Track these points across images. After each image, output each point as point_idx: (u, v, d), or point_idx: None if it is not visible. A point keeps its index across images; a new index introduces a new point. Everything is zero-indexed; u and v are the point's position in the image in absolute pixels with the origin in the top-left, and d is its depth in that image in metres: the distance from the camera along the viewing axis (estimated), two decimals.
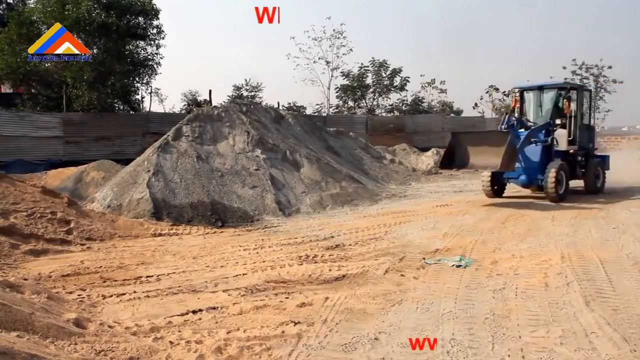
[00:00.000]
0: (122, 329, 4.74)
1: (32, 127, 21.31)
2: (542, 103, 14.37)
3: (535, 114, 14.34)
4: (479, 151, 12.34)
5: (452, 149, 12.87)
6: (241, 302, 5.58)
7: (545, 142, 13.19)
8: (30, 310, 4.29)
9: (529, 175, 13.18)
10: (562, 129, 13.70)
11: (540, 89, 14.41)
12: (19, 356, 3.23)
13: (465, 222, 10.15)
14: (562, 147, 13.62)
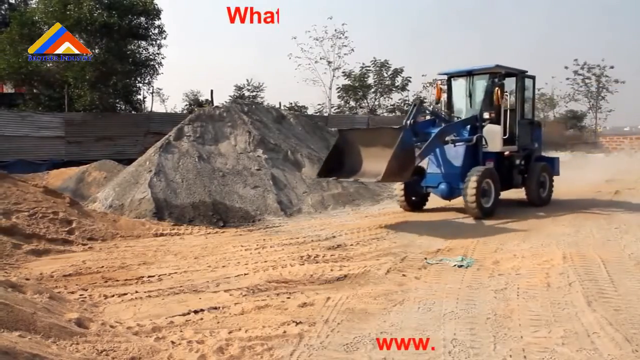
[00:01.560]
0: (124, 328, 4.74)
1: (34, 127, 21.34)
2: (473, 93, 11.95)
3: (465, 107, 12.00)
4: (372, 154, 9.66)
5: (339, 151, 10.28)
6: (243, 302, 5.58)
7: (469, 142, 10.91)
8: (32, 310, 4.29)
9: (449, 184, 10.86)
10: (494, 125, 11.32)
11: (469, 75, 11.88)
12: (21, 356, 3.23)
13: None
14: (493, 147, 11.30)
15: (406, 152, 9.32)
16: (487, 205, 10.52)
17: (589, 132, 41.92)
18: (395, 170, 8.97)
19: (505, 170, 11.62)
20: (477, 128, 11.17)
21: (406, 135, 9.43)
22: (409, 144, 9.56)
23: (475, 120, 11.21)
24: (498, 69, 11.44)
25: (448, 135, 10.67)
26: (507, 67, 11.59)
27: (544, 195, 12.36)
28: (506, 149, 11.52)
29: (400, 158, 9.06)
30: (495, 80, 11.33)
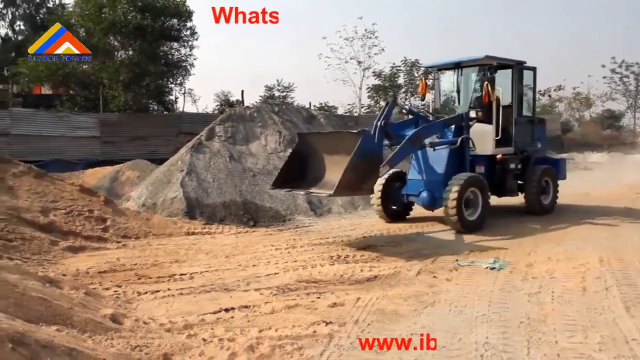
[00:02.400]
0: (157, 325, 4.82)
1: (70, 127, 21.89)
2: (461, 88, 10.80)
3: (454, 104, 10.97)
4: (335, 161, 8.40)
5: (301, 158, 9.05)
6: (273, 301, 5.61)
7: (452, 144, 9.62)
8: (69, 305, 4.39)
9: (431, 193, 9.51)
10: (484, 125, 10.10)
11: (457, 68, 10.70)
12: (59, 349, 3.31)
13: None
14: (483, 150, 10.11)
15: (367, 161, 8.04)
16: (471, 217, 9.23)
17: (628, 132, 40.82)
18: (353, 182, 7.85)
19: (498, 175, 10.36)
20: (463, 128, 9.82)
21: (366, 141, 8.12)
22: (371, 150, 8.24)
23: (460, 119, 9.87)
24: (488, 60, 10.12)
25: (425, 138, 9.32)
26: (499, 57, 10.23)
27: (547, 203, 11.05)
28: (498, 152, 10.26)
29: (359, 168, 7.84)
30: (485, 73, 10.05)
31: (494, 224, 9.84)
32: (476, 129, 10.01)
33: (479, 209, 9.35)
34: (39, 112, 23.25)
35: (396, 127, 9.65)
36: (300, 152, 9.09)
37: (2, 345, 3.03)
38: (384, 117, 8.98)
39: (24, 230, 7.87)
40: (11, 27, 37.99)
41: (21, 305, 3.93)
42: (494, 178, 10.25)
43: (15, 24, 37.93)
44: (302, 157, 9.00)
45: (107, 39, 24.68)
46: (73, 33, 24.21)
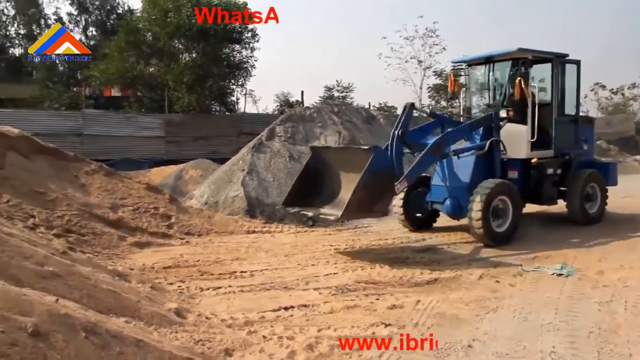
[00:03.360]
0: (218, 320, 4.92)
1: (137, 128, 22.80)
2: (494, 85, 9.77)
3: (486, 103, 9.91)
4: (350, 178, 7.78)
5: (314, 173, 8.45)
6: (332, 301, 5.61)
7: (480, 150, 8.66)
8: (137, 298, 4.56)
9: (456, 200, 8.71)
10: (517, 125, 9.12)
11: (489, 62, 9.72)
12: (127, 340, 3.43)
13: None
14: (516, 153, 9.15)
15: (379, 179, 7.43)
16: (500, 228, 8.30)
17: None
18: (364, 203, 7.29)
19: (534, 181, 9.26)
20: (492, 130, 8.91)
21: (378, 158, 7.50)
22: (383, 168, 7.60)
23: (489, 120, 8.94)
24: (521, 53, 9.13)
25: (448, 146, 8.45)
26: (534, 50, 9.22)
27: (593, 212, 9.82)
28: (534, 155, 9.20)
29: (371, 187, 7.28)
30: (519, 68, 9.07)
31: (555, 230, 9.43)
32: (508, 130, 9.07)
33: (508, 219, 8.38)
34: (108, 113, 24.37)
35: (416, 134, 8.77)
36: (313, 168, 8.48)
37: (76, 333, 3.18)
38: (402, 125, 8.22)
39: (95, 226, 8.26)
40: (84, 32, 40.09)
41: (93, 296, 4.11)
42: (528, 184, 9.23)
43: (88, 29, 39.99)
44: (316, 173, 8.43)
45: (172, 42, 25.53)
46: (140, 37, 25.30)
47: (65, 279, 4.06)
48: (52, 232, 7.48)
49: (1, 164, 8.39)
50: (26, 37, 40.32)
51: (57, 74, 36.28)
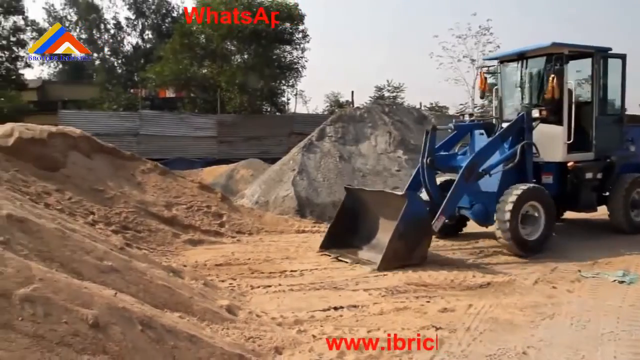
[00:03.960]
0: (269, 319, 4.97)
1: (191, 128, 23.38)
2: (527, 84, 8.96)
3: (519, 101, 9.12)
4: (387, 224, 7.49)
5: (351, 214, 8.14)
6: (382, 302, 5.57)
7: (510, 161, 8.08)
8: (190, 295, 4.66)
9: (484, 206, 8.17)
10: (552, 126, 8.42)
11: (522, 59, 9.02)
12: (181, 335, 3.52)
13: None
14: (551, 156, 8.45)
15: (416, 227, 7.11)
16: (531, 237, 7.69)
17: None
18: (401, 252, 7.00)
19: (571, 186, 8.51)
20: (524, 132, 8.26)
21: (413, 204, 7.14)
22: (420, 214, 7.23)
23: (520, 121, 8.27)
24: (556, 48, 8.37)
25: (480, 166, 7.89)
26: (571, 44, 8.49)
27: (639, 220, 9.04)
28: (571, 158, 8.45)
29: (407, 236, 7.02)
30: (552, 64, 8.35)
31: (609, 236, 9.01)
32: (542, 131, 8.40)
33: (540, 227, 7.76)
34: (163, 113, 25.09)
35: (443, 159, 8.43)
36: (349, 208, 8.20)
37: (133, 326, 3.28)
38: (428, 152, 7.93)
39: (150, 223, 8.51)
40: (141, 36, 41.43)
41: (149, 291, 4.24)
42: (565, 189, 8.51)
43: (145, 33, 41.30)
44: (353, 213, 8.13)
45: (225, 44, 26.03)
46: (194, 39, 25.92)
47: (123, 274, 4.20)
48: (110, 228, 7.76)
49: (64, 162, 8.77)
50: (87, 42, 42.05)
51: (116, 76, 37.65)
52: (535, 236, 7.75)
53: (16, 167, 7.93)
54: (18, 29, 31.48)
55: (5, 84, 29.04)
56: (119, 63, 40.98)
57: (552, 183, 8.48)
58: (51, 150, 8.73)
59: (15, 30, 31.16)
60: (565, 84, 8.30)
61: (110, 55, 41.34)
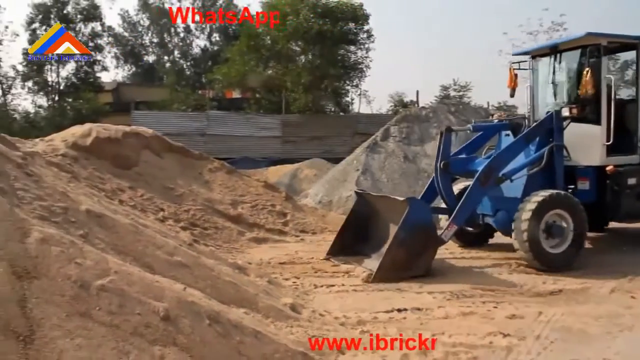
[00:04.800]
0: (332, 318, 4.98)
1: (256, 128, 23.82)
2: (559, 79, 8.12)
3: (552, 99, 8.28)
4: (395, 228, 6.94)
5: (361, 218, 7.67)
6: (446, 306, 5.46)
7: (536, 164, 7.30)
8: (255, 292, 4.75)
9: (508, 214, 7.30)
10: (588, 125, 7.55)
11: (555, 53, 8.07)
12: (246, 330, 3.59)
13: None
14: (588, 159, 7.57)
15: (418, 235, 6.56)
16: (556, 250, 6.91)
17: None
18: (401, 262, 6.44)
19: (612, 193, 7.52)
20: (553, 132, 7.44)
21: (416, 210, 6.59)
22: (423, 221, 6.68)
23: (548, 121, 7.48)
24: (592, 38, 7.47)
25: (500, 170, 7.19)
26: (609, 34, 7.56)
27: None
28: (610, 162, 7.48)
29: (408, 244, 6.48)
30: (586, 57, 7.48)
31: None
32: (576, 131, 7.55)
33: (568, 239, 6.95)
34: (230, 114, 25.71)
35: (464, 161, 7.85)
36: (360, 214, 7.72)
37: (201, 320, 3.38)
38: (442, 156, 7.42)
39: (217, 220, 8.75)
40: (209, 39, 42.67)
41: (215, 287, 4.35)
42: (604, 197, 7.56)
43: (212, 36, 42.51)
44: (363, 217, 7.66)
45: (290, 45, 26.34)
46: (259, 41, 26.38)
47: (192, 269, 4.33)
48: (179, 224, 8.05)
49: (137, 161, 9.17)
50: (158, 45, 43.75)
51: (185, 78, 38.95)
52: (562, 249, 6.94)
53: (94, 165, 8.36)
54: (96, 35, 33.23)
55: (83, 86, 30.70)
56: (188, 65, 42.39)
57: (589, 190, 7.58)
58: (125, 149, 9.14)
59: (93, 35, 32.89)
60: (604, 79, 7.46)
61: (180, 58, 42.88)
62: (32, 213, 3.60)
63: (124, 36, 42.51)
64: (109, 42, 35.60)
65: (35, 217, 3.55)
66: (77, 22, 31.37)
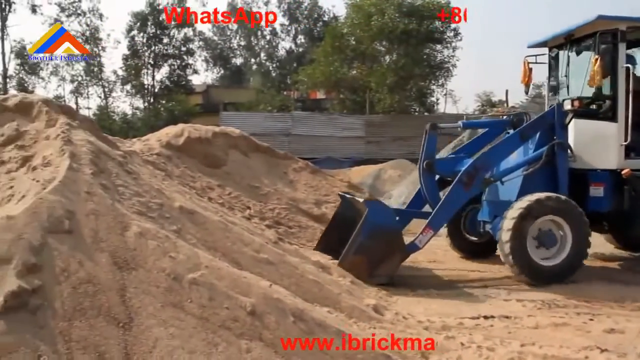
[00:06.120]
0: (415, 322, 4.89)
1: (339, 128, 23.98)
2: (574, 71, 7.16)
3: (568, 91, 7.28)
4: None
5: (343, 222, 7.09)
6: (537, 315, 5.19)
7: (533, 164, 6.54)
8: (338, 291, 4.76)
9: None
10: (602, 123, 6.69)
11: (570, 41, 7.15)
12: (330, 329, 3.60)
13: None
14: (602, 162, 6.69)
15: (380, 239, 6.05)
16: (549, 262, 6.20)
17: None
18: (361, 269, 5.96)
19: (630, 202, 6.58)
20: (554, 129, 6.65)
21: (375, 214, 6.13)
22: (383, 224, 6.16)
23: (549, 117, 6.71)
24: (603, 22, 6.58)
25: (488, 170, 6.56)
26: (624, 18, 6.68)
27: None
28: (630, 165, 6.56)
29: (369, 250, 5.97)
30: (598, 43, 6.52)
31: None
32: (589, 130, 6.73)
33: (565, 250, 6.22)
34: (314, 114, 26.07)
35: (451, 161, 7.23)
36: (341, 215, 7.33)
37: (286, 317, 3.43)
38: (426, 155, 6.83)
39: (301, 219, 8.85)
40: (294, 41, 43.47)
41: (300, 285, 4.41)
42: (621, 205, 6.66)
43: (297, 37, 43.27)
44: (345, 220, 7.12)
45: (375, 45, 26.28)
46: (344, 42, 26.50)
47: (277, 267, 4.42)
48: (264, 223, 8.21)
49: (225, 160, 9.49)
50: (245, 48, 45.15)
51: (270, 79, 39.94)
52: (557, 261, 6.22)
53: (185, 163, 8.74)
54: (188, 40, 34.86)
55: (176, 89, 32.33)
56: (274, 67, 43.40)
57: (603, 197, 6.68)
58: (215, 148, 9.48)
59: (185, 40, 34.53)
60: (621, 68, 6.52)
61: (266, 60, 44.00)
62: (131, 208, 3.82)
63: (213, 40, 44.28)
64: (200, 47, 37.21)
65: (134, 212, 3.77)
66: (171, 28, 33.06)
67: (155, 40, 32.75)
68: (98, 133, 5.10)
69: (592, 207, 6.57)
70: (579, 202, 6.37)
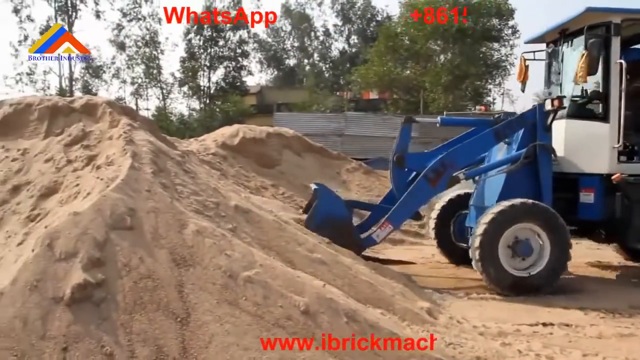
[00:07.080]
0: (470, 326, 4.78)
1: (391, 129, 23.70)
2: (567, 67, 6.74)
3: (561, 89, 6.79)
4: None
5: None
6: (600, 324, 4.97)
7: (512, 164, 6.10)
8: (391, 293, 4.71)
9: None
10: (593, 123, 6.24)
11: (565, 36, 6.75)
12: (383, 331, 3.56)
13: None
14: (592, 166, 6.21)
15: (326, 230, 5.63)
16: (523, 273, 5.81)
17: None
18: None
19: (622, 209, 6.10)
20: (536, 130, 6.18)
21: (326, 201, 6.05)
22: (332, 213, 6.00)
23: (529, 116, 6.27)
24: (593, 15, 6.18)
25: (457, 168, 6.25)
26: (617, 9, 6.18)
27: None
28: (622, 169, 6.11)
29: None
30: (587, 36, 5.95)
31: None
32: (579, 131, 6.31)
33: (543, 259, 5.80)
34: (367, 115, 25.95)
35: (423, 156, 6.85)
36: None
37: (339, 317, 3.42)
38: (397, 148, 6.57)
39: None
40: (347, 41, 43.47)
41: (353, 286, 4.39)
42: (613, 213, 6.18)
43: (350, 38, 43.25)
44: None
45: (429, 45, 25.94)
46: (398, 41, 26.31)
47: (330, 267, 4.42)
48: None
49: (279, 160, 9.61)
50: (299, 49, 45.52)
51: (323, 80, 40.12)
52: (535, 271, 5.81)
53: (240, 163, 8.93)
54: (242, 42, 35.50)
55: (231, 90, 32.99)
56: (327, 68, 43.57)
57: (594, 204, 6.24)
58: (269, 148, 9.63)
59: (240, 42, 35.18)
60: (614, 65, 6.06)
61: (319, 61, 44.23)
62: (189, 207, 3.91)
63: (267, 42, 44.90)
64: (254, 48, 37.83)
65: (191, 211, 3.86)
66: (226, 31, 33.75)
67: (211, 43, 33.54)
68: (157, 133, 5.25)
69: (583, 215, 6.24)
70: (569, 209, 6.08)
